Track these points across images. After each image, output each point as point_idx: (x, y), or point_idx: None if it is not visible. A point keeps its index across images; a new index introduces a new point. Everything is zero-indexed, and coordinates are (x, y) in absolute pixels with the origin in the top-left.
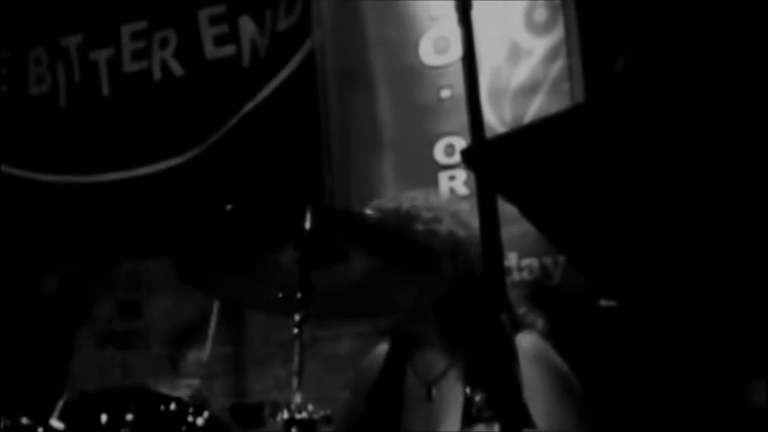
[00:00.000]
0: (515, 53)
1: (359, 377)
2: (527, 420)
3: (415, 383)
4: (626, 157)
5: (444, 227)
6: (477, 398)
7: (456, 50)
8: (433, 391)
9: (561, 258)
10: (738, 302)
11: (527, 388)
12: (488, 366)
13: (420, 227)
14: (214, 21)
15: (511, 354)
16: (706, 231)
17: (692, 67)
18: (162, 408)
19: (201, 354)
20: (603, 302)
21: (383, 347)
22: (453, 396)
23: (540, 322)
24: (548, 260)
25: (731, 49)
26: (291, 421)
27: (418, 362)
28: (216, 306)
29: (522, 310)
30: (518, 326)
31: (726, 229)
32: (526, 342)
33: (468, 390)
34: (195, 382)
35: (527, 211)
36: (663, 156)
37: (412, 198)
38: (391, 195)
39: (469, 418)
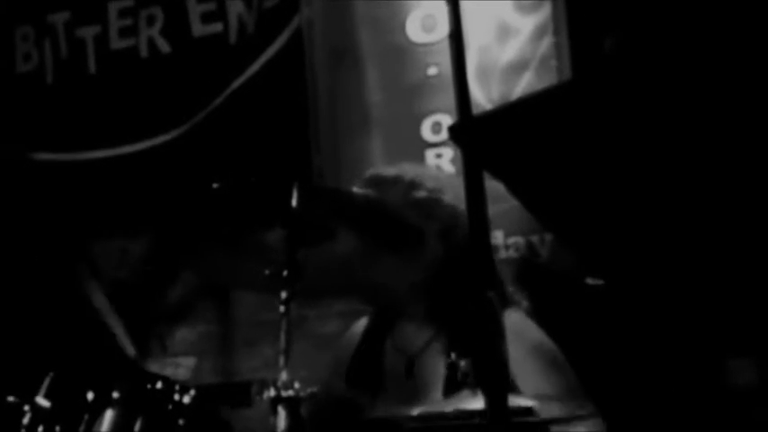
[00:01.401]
0: (503, 31)
1: (338, 353)
2: (512, 388)
3: (395, 357)
4: (612, 135)
5: (448, 197)
6: (463, 364)
7: (443, 28)
8: (415, 366)
9: (548, 236)
10: (723, 282)
11: (514, 366)
12: (474, 344)
13: (423, 194)
14: None
15: (499, 332)
16: (691, 210)
17: (680, 46)
18: (148, 386)
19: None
20: (590, 280)
21: (362, 323)
22: (434, 370)
23: (525, 300)
24: (534, 238)
25: (717, 28)
26: (278, 399)
27: (399, 336)
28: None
29: (509, 289)
30: (505, 304)
31: (710, 209)
32: (512, 319)
33: (453, 355)
34: (187, 360)
35: (514, 188)
36: (649, 133)
37: (414, 168)
38: (389, 166)
39: (454, 383)
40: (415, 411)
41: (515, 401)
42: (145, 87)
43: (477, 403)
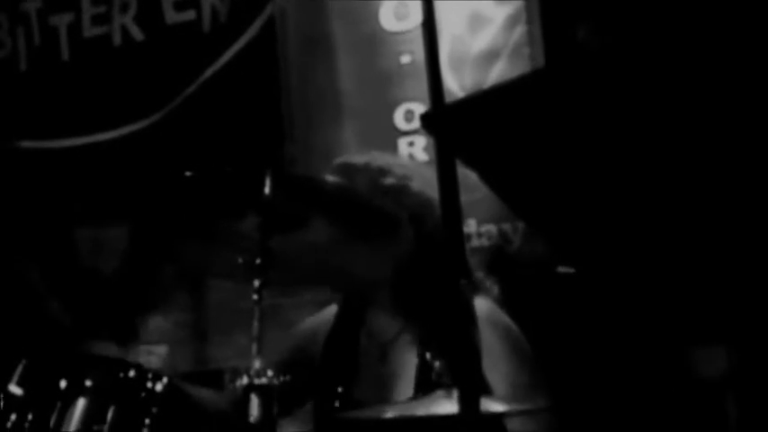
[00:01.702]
0: (476, 20)
1: (305, 337)
2: (485, 387)
3: (368, 346)
4: (585, 123)
5: (416, 184)
6: (437, 364)
7: (416, 17)
8: (388, 354)
9: (520, 225)
10: (693, 271)
11: (483, 353)
12: (446, 332)
13: (392, 181)
14: None
15: (470, 320)
16: (661, 199)
17: (651, 34)
18: (121, 374)
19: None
20: (561, 269)
21: (331, 309)
22: (407, 359)
23: (496, 288)
24: (506, 226)
25: (690, 15)
26: (251, 387)
27: (373, 324)
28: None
29: (479, 276)
30: (475, 291)
31: (680, 198)
32: (482, 307)
33: (427, 355)
34: (160, 348)
35: (486, 177)
36: (621, 121)
37: (383, 155)
38: (358, 154)
39: (429, 383)
40: (389, 414)
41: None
42: (118, 75)
43: (450, 405)
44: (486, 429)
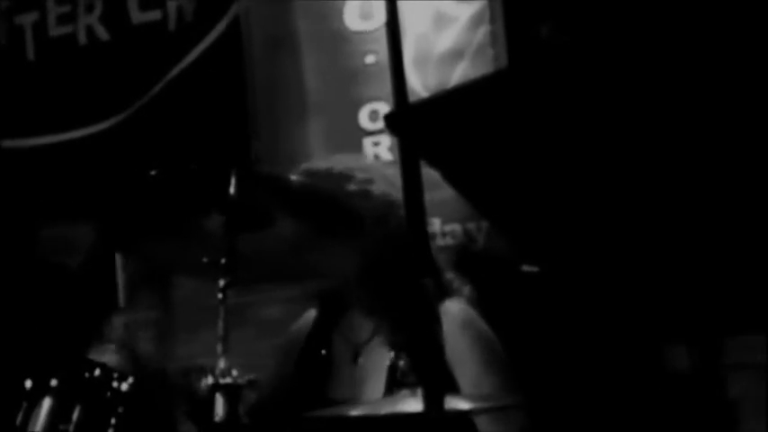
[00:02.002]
0: (440, 19)
1: (287, 343)
2: (450, 385)
3: (342, 347)
4: (547, 123)
5: (377, 187)
6: (402, 363)
7: (381, 16)
8: (360, 356)
9: (484, 224)
10: (659, 268)
11: (454, 354)
12: (411, 331)
13: (353, 187)
14: None
15: (434, 319)
16: (626, 196)
17: (614, 33)
18: (86, 374)
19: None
20: (526, 267)
21: (311, 313)
22: (378, 361)
23: (467, 288)
24: (471, 225)
25: (653, 14)
26: (216, 386)
27: (345, 326)
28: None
29: (448, 276)
30: (445, 292)
31: (645, 195)
32: (454, 309)
33: (392, 355)
34: (125, 347)
35: (450, 176)
36: (584, 121)
37: (344, 160)
38: (321, 159)
39: (394, 382)
40: (355, 412)
41: (452, 403)
42: (84, 75)
43: (414, 404)
44: (455, 429)
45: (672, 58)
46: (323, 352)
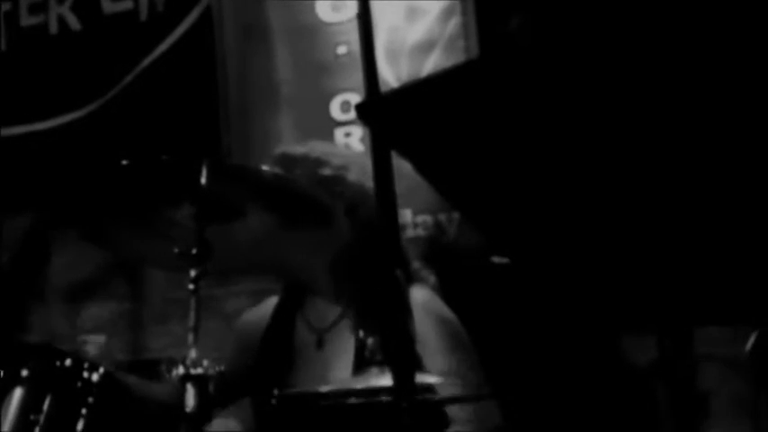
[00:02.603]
0: (412, 11)
1: (245, 329)
2: (419, 365)
3: (305, 333)
4: (518, 114)
5: (353, 174)
6: (370, 341)
7: (352, 7)
8: (325, 341)
9: (455, 215)
10: (625, 260)
11: (419, 341)
12: (381, 322)
13: (328, 171)
14: None
15: (405, 310)
16: (595, 188)
17: (584, 26)
18: (58, 363)
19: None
20: (496, 259)
21: (272, 300)
22: (344, 346)
23: (432, 278)
24: (442, 216)
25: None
26: (187, 377)
27: (309, 312)
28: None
29: (415, 265)
30: (410, 280)
31: (613, 186)
32: (418, 296)
33: (361, 333)
34: (96, 338)
35: (421, 167)
36: (554, 112)
37: (321, 146)
38: (297, 144)
39: (362, 360)
40: (325, 389)
41: (420, 378)
42: (55, 64)
43: (384, 380)
44: (424, 415)
45: (639, 47)
46: (286, 339)
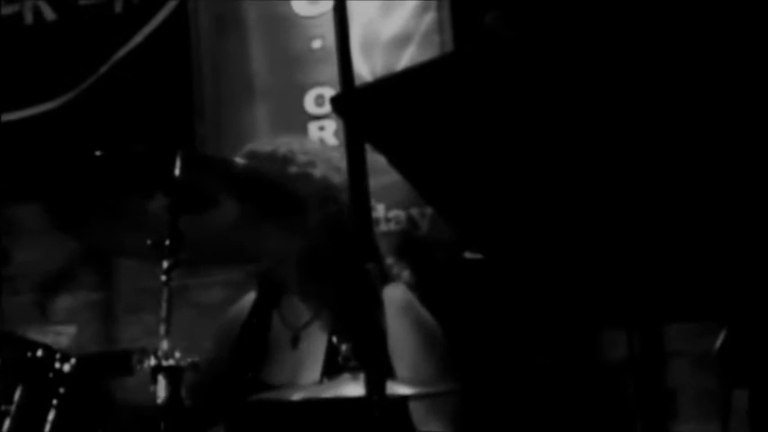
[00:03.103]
0: (387, 5)
1: (225, 324)
2: (390, 371)
3: (281, 331)
4: (492, 109)
5: (319, 171)
6: (344, 347)
7: (328, 1)
8: (300, 339)
9: (428, 210)
10: (597, 257)
11: (393, 339)
12: (353, 316)
13: (294, 169)
14: None
15: (376, 304)
16: (568, 184)
17: (559, 20)
18: (29, 354)
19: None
20: (468, 255)
21: (251, 296)
22: (317, 344)
23: (406, 274)
24: (414, 211)
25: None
26: (158, 368)
27: (285, 309)
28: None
29: (389, 262)
30: (386, 277)
31: (587, 182)
32: (394, 294)
33: (334, 339)
34: (67, 328)
35: (396, 161)
36: (528, 108)
37: (288, 143)
38: (266, 140)
39: (335, 366)
40: (297, 396)
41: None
42: (30, 54)
43: (356, 388)
44: (390, 414)
45: (616, 41)
46: (261, 335)
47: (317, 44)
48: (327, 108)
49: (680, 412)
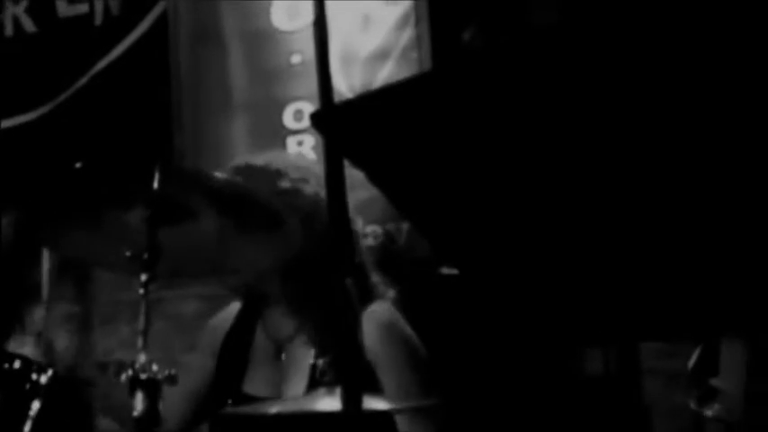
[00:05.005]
0: (366, 21)
1: (208, 335)
2: (372, 385)
3: (264, 344)
4: (470, 126)
5: (310, 187)
6: (321, 362)
7: (307, 16)
8: (283, 353)
9: (405, 225)
10: (575, 272)
11: (379, 358)
12: (331, 329)
13: (286, 184)
14: None
15: (354, 318)
16: (546, 198)
17: (536, 37)
18: (5, 365)
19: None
20: (445, 270)
21: (234, 306)
22: (301, 359)
23: (391, 291)
24: (391, 227)
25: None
26: (135, 381)
27: (269, 322)
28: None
29: (374, 279)
30: (370, 295)
31: (566, 197)
32: (379, 311)
33: (313, 353)
34: (44, 340)
35: (374, 177)
36: (506, 124)
37: (282, 158)
38: (259, 153)
39: (313, 381)
40: (274, 409)
41: (370, 404)
42: (9, 66)
43: (332, 402)
44: (375, 429)
45: (591, 58)
46: (245, 346)
47: (296, 59)
48: (306, 123)
49: (654, 428)
